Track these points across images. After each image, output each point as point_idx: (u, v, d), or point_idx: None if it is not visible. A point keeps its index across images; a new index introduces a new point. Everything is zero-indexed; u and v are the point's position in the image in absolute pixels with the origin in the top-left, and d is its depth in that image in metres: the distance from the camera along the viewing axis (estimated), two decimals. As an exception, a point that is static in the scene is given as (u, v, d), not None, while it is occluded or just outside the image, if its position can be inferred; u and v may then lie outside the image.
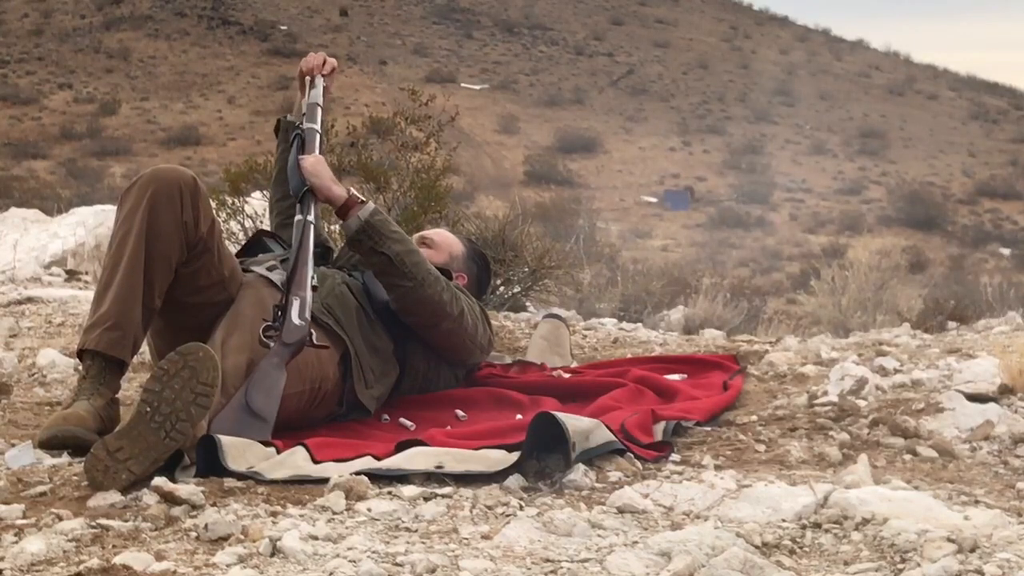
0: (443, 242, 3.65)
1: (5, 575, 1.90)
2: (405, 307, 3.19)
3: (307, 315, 2.91)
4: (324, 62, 3.47)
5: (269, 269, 3.14)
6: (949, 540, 1.99)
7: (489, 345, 3.49)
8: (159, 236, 2.86)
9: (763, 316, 8.09)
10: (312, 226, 3.10)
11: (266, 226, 5.70)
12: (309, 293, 2.95)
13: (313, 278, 3.00)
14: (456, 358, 3.39)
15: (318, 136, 3.30)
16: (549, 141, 52.80)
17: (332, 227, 5.11)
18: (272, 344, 2.84)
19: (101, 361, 2.80)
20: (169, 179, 2.91)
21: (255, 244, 3.46)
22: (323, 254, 3.44)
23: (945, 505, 2.24)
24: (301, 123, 3.33)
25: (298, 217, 3.10)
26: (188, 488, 2.26)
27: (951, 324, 6.02)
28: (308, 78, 3.44)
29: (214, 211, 3.09)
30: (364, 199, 3.18)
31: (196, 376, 2.37)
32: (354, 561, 1.94)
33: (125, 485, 2.31)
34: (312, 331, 2.92)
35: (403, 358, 3.26)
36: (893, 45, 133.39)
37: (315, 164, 3.18)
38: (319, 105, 3.37)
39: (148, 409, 2.34)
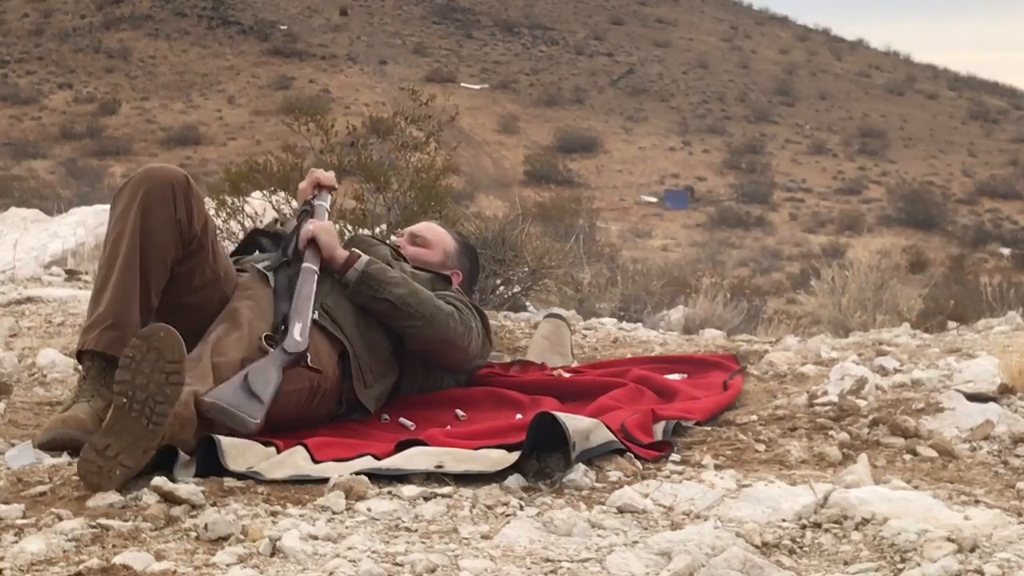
0: (436, 239, 3.65)
1: (5, 575, 1.90)
2: (421, 346, 3.22)
3: (307, 336, 2.93)
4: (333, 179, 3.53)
5: (267, 268, 3.14)
6: (949, 540, 1.99)
7: (488, 351, 3.50)
8: (153, 234, 2.86)
9: (763, 316, 8.07)
10: (315, 275, 3.10)
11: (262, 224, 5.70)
12: (309, 320, 2.98)
13: (315, 312, 3.02)
14: (456, 370, 3.42)
15: (327, 213, 3.39)
16: (549, 141, 52.82)
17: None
18: (272, 349, 2.86)
19: (101, 362, 2.79)
20: (161, 178, 2.91)
21: (250, 244, 3.46)
22: None
23: (945, 505, 2.24)
24: (313, 198, 3.39)
25: (306, 264, 3.12)
26: (188, 488, 2.26)
27: (951, 324, 6.01)
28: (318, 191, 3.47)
29: (207, 209, 3.09)
30: (360, 254, 3.22)
31: (163, 356, 2.35)
32: (354, 561, 1.94)
33: (121, 482, 2.31)
34: (309, 354, 2.93)
35: (402, 359, 3.26)
36: (893, 45, 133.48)
37: (326, 226, 3.23)
38: (329, 204, 3.46)
39: (124, 400, 2.33)
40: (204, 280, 2.97)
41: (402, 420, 3.09)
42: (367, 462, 2.52)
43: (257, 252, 3.39)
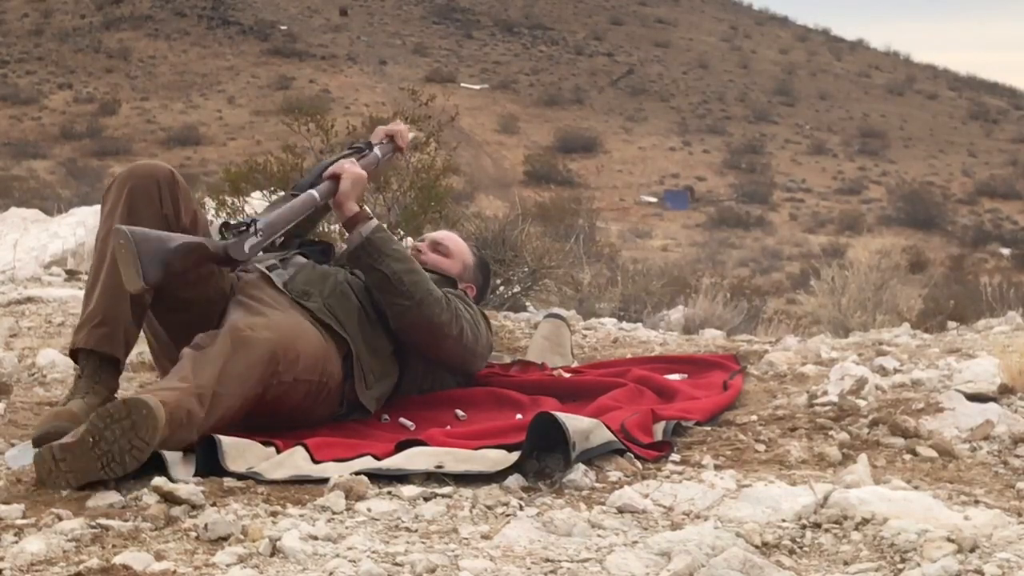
0: (457, 250, 3.65)
1: (5, 575, 1.90)
2: (402, 326, 3.18)
3: (254, 253, 2.94)
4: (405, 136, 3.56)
5: (269, 268, 3.14)
6: (949, 540, 1.99)
7: (489, 351, 3.48)
8: None
9: (763, 316, 8.07)
10: (312, 205, 3.13)
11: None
12: (270, 241, 2.99)
13: (280, 238, 3.05)
14: (456, 370, 3.40)
15: (377, 164, 3.41)
16: (549, 141, 52.81)
17: (334, 226, 5.11)
18: (220, 238, 2.87)
19: (95, 359, 2.80)
20: (144, 174, 2.91)
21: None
22: (325, 250, 3.42)
23: (945, 505, 2.24)
24: (371, 143, 3.42)
25: (311, 191, 3.14)
26: (188, 488, 2.26)
27: (951, 324, 6.01)
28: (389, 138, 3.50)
29: (196, 203, 3.08)
30: (371, 215, 3.21)
31: (135, 430, 2.37)
32: (354, 561, 1.94)
33: (68, 489, 2.35)
34: (240, 269, 2.96)
35: (403, 359, 3.26)
36: (893, 45, 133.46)
37: (358, 176, 3.21)
38: (385, 157, 3.46)
39: (91, 439, 2.36)
40: (198, 274, 2.96)
41: (402, 420, 3.09)
42: (367, 462, 2.52)
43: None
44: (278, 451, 2.62)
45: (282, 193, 5.68)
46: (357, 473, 2.38)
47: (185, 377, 2.61)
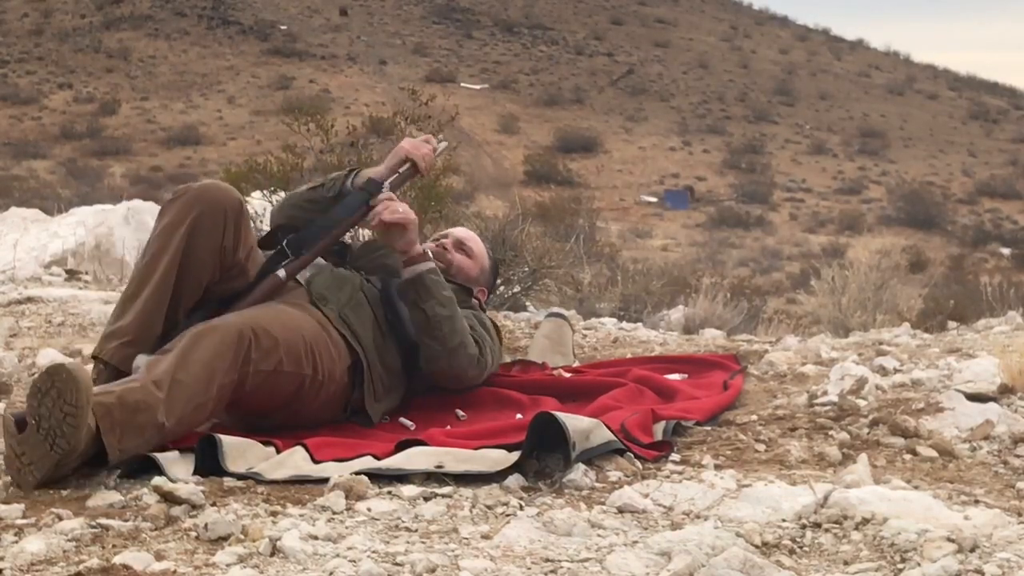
0: (479, 252, 3.63)
1: (5, 575, 1.90)
2: (430, 369, 3.18)
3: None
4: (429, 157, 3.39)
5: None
6: (949, 540, 1.99)
7: (495, 365, 3.46)
8: (195, 259, 2.85)
9: (763, 316, 8.08)
10: (281, 288, 3.00)
11: (265, 226, 5.70)
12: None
13: None
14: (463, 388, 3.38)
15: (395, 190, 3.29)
16: (549, 141, 52.85)
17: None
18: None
19: (113, 371, 2.80)
20: (215, 201, 2.88)
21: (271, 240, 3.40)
22: (340, 251, 3.39)
23: (945, 505, 2.24)
24: (380, 183, 3.26)
25: (279, 273, 3.00)
26: (188, 488, 2.26)
27: (951, 324, 6.00)
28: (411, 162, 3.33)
29: (253, 236, 3.06)
30: (431, 257, 3.20)
31: (62, 396, 2.36)
32: (354, 561, 1.94)
33: (36, 485, 2.35)
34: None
35: (410, 374, 3.23)
36: (893, 45, 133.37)
37: (412, 220, 3.13)
38: (398, 190, 3.35)
39: (34, 421, 2.37)
40: (237, 296, 2.97)
41: (402, 420, 3.09)
42: (367, 462, 2.52)
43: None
44: (278, 451, 2.62)
45: (283, 194, 5.70)
46: (357, 473, 2.38)
47: (142, 373, 2.61)
